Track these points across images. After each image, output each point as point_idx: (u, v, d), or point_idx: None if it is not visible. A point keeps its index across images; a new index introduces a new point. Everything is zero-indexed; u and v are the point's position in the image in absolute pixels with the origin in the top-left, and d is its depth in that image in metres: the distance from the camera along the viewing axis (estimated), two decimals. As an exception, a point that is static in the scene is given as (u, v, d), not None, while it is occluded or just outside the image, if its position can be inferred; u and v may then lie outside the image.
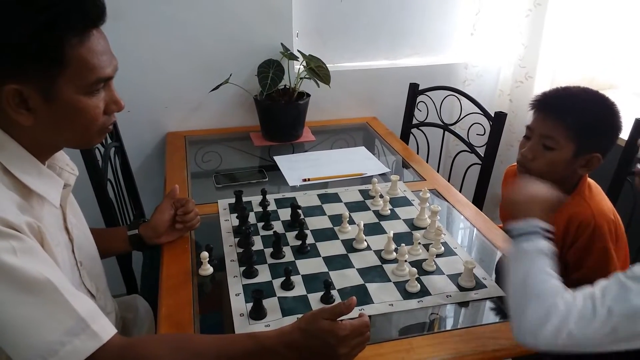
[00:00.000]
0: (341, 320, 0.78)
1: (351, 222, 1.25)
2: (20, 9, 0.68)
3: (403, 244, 1.07)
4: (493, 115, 1.61)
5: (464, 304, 1.00)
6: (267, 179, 1.53)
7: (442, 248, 1.15)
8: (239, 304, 0.98)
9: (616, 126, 1.14)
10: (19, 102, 0.72)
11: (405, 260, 1.07)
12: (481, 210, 1.42)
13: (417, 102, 1.88)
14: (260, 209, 1.30)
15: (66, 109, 0.75)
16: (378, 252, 1.14)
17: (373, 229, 1.23)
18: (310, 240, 1.18)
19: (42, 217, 0.78)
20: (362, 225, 1.17)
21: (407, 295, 1.01)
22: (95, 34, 0.75)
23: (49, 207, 0.82)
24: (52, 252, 0.77)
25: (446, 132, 1.84)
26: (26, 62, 0.70)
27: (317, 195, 1.40)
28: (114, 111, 0.82)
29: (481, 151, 1.68)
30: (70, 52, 0.72)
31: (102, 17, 0.75)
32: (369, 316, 0.91)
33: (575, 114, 1.12)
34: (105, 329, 0.71)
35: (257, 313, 0.94)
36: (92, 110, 0.77)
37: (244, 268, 1.07)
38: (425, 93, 1.86)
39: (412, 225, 1.26)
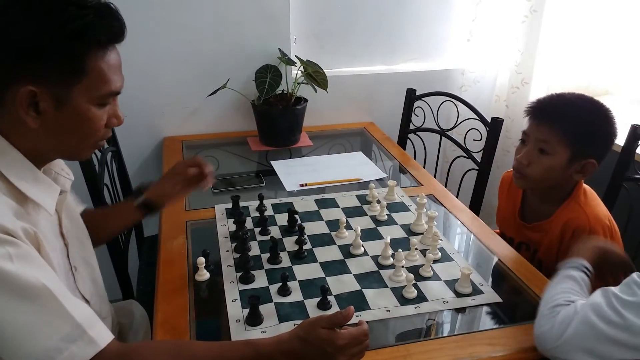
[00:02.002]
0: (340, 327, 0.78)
1: (348, 227, 1.25)
2: (52, 17, 0.70)
3: (400, 250, 1.07)
4: (490, 121, 1.62)
5: (460, 310, 1.00)
6: (264, 184, 1.53)
7: (439, 254, 1.15)
8: (235, 310, 0.97)
9: (611, 132, 1.15)
10: (30, 104, 0.73)
11: (402, 266, 1.07)
12: (478, 215, 1.43)
13: (414, 107, 1.89)
14: (257, 214, 1.29)
15: (74, 116, 0.76)
16: (375, 258, 1.14)
17: (370, 235, 1.23)
18: (307, 245, 1.18)
19: (38, 222, 0.78)
20: (359, 230, 1.17)
21: (404, 301, 1.01)
22: (114, 50, 0.78)
23: (45, 213, 0.82)
24: (49, 257, 0.77)
25: (443, 138, 1.85)
26: (49, 67, 0.72)
27: (314, 200, 1.40)
28: (114, 125, 0.84)
29: (478, 157, 1.69)
30: (91, 63, 0.74)
31: (123, 35, 0.78)
32: (366, 322, 0.91)
33: (569, 120, 1.12)
34: (102, 335, 0.71)
35: (254, 319, 0.93)
36: (97, 122, 0.79)
37: (240, 273, 1.07)
38: (422, 98, 1.86)
39: (409, 230, 1.26)
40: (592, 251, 0.98)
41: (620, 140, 1.32)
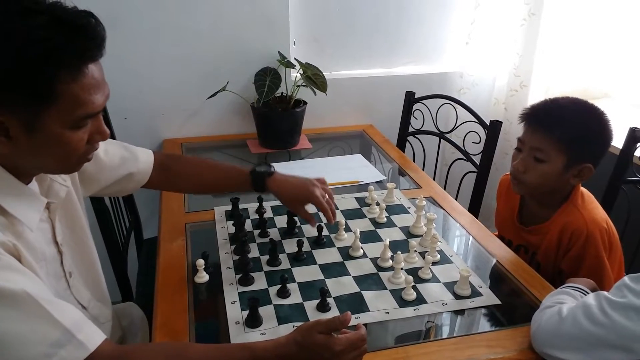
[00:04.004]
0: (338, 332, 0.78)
1: (347, 229, 1.25)
2: (12, 41, 0.66)
3: (399, 252, 1.07)
4: (488, 124, 1.62)
5: (459, 312, 1.00)
6: (263, 186, 1.52)
7: (438, 256, 1.15)
8: (234, 312, 0.97)
9: (606, 136, 1.15)
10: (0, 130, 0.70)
11: (402, 268, 1.08)
12: (477, 218, 1.43)
13: (413, 110, 1.89)
14: (256, 216, 1.30)
15: (48, 141, 0.72)
16: (374, 260, 1.14)
17: (369, 237, 1.23)
18: (306, 247, 1.18)
19: (23, 232, 0.77)
20: (358, 232, 1.17)
21: (403, 303, 1.01)
22: (91, 67, 0.72)
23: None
24: (32, 267, 0.75)
25: (442, 140, 1.85)
26: (14, 94, 0.68)
27: (314, 202, 1.40)
28: (98, 141, 0.80)
29: (477, 159, 1.69)
30: (60, 87, 0.69)
31: (99, 52, 0.73)
32: (365, 324, 0.91)
33: (563, 126, 1.12)
34: (92, 338, 0.70)
35: (253, 321, 0.93)
36: (75, 144, 0.75)
37: (239, 275, 1.07)
38: (421, 101, 1.87)
39: (408, 233, 1.26)
40: (588, 282, 1.01)
41: (619, 143, 1.32)
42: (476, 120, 1.67)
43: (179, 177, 1.18)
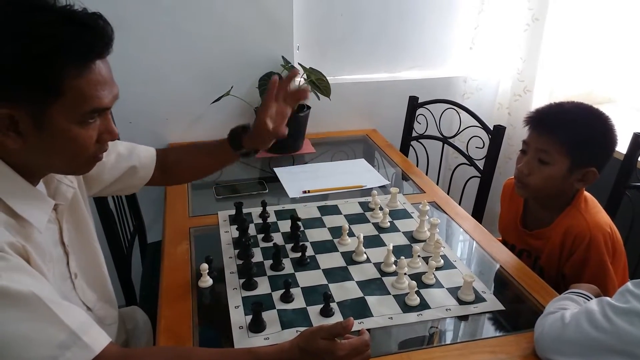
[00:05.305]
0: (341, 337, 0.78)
1: (351, 234, 1.25)
2: (21, 36, 0.67)
3: (402, 257, 1.07)
4: (492, 129, 1.62)
5: (463, 318, 1.00)
6: (267, 191, 1.53)
7: (442, 261, 1.15)
8: (238, 317, 0.97)
9: (610, 140, 1.15)
10: (9, 125, 0.70)
11: (405, 273, 1.08)
12: (480, 223, 1.43)
13: (416, 114, 1.89)
14: (260, 221, 1.30)
15: (56, 136, 0.73)
16: (377, 265, 1.14)
17: (372, 242, 1.24)
18: (309, 252, 1.18)
19: (31, 234, 0.77)
20: (361, 237, 1.17)
21: (406, 308, 1.01)
22: (98, 64, 0.73)
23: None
24: (40, 268, 0.75)
25: (445, 145, 1.85)
26: (21, 88, 0.69)
27: (317, 207, 1.41)
28: (107, 140, 0.80)
29: (480, 164, 1.69)
30: (67, 82, 0.70)
31: (106, 49, 0.74)
32: (368, 329, 0.91)
33: (568, 129, 1.13)
34: (98, 340, 0.70)
35: (257, 326, 0.94)
36: (83, 140, 0.76)
37: (243, 280, 1.07)
38: (425, 106, 1.87)
39: (412, 237, 1.26)
40: (591, 288, 1.01)
41: (623, 147, 1.32)
42: (480, 125, 1.67)
43: (177, 165, 1.18)
